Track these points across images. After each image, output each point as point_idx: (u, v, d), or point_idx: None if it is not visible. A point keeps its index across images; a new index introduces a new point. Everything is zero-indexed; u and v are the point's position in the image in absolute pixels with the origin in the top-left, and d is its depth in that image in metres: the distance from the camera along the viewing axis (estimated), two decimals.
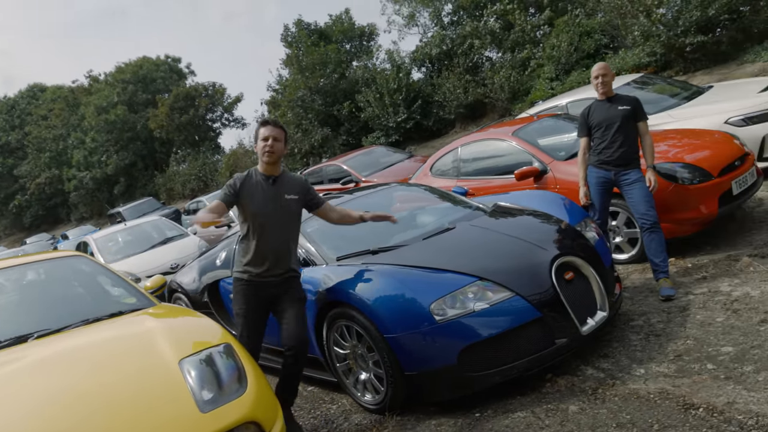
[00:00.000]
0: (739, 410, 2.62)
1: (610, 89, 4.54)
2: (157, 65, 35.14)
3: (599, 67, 4.56)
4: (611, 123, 4.44)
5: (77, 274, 3.78)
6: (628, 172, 4.41)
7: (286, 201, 3.45)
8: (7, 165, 37.90)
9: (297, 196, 3.51)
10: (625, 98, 4.53)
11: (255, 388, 2.49)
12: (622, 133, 4.42)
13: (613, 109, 4.46)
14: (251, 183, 3.46)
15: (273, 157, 3.45)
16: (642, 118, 4.48)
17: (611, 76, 4.53)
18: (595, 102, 4.64)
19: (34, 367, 2.70)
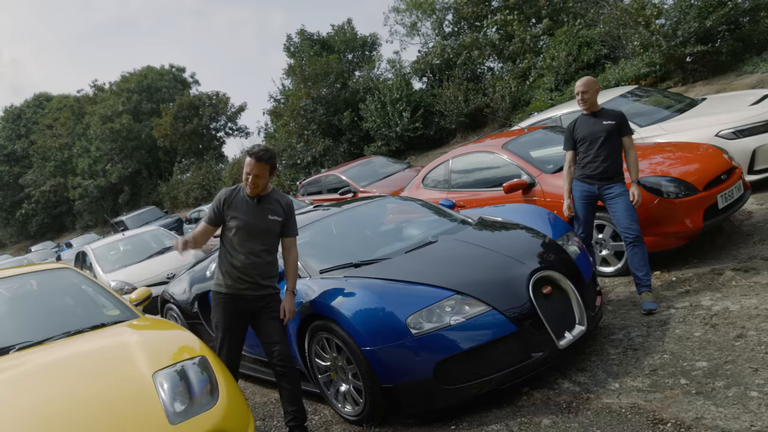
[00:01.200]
0: (706, 425, 2.64)
1: (594, 104, 4.58)
2: (161, 75, 35.43)
3: (580, 83, 4.60)
4: (595, 138, 4.48)
5: (63, 286, 3.84)
6: (612, 186, 4.44)
7: (268, 221, 3.49)
8: (13, 174, 38.19)
9: (280, 218, 3.54)
10: (610, 113, 4.57)
11: (226, 401, 2.53)
12: (605, 147, 4.46)
13: (597, 124, 4.50)
14: (238, 198, 3.51)
15: (256, 190, 3.48)
16: (626, 132, 4.51)
17: (594, 92, 4.57)
18: (581, 116, 4.68)
19: (11, 380, 2.75)
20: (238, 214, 3.46)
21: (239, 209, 3.48)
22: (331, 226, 4.85)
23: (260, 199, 3.51)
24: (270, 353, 3.45)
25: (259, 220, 3.48)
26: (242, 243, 3.45)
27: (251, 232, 3.46)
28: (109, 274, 8.72)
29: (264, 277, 3.48)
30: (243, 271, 3.42)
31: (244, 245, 3.45)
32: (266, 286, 3.49)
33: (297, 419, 3.46)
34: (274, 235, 3.54)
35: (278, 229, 3.54)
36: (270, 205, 3.54)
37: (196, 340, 3.04)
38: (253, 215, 3.47)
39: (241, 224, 3.46)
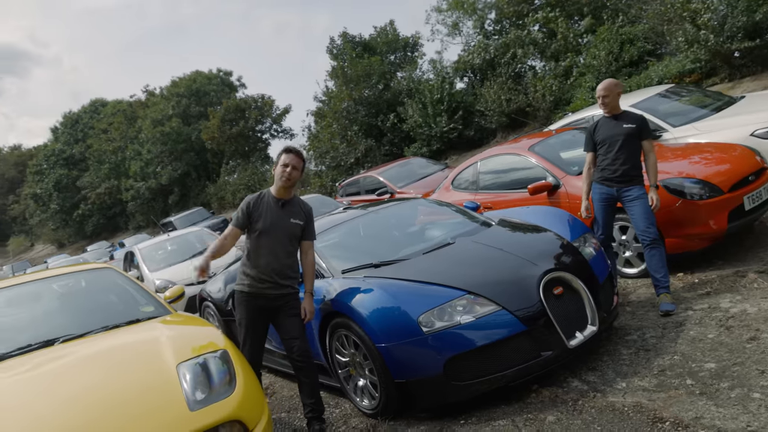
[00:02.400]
0: (704, 425, 2.69)
1: (616, 107, 4.60)
2: (209, 79, 36.45)
3: (601, 87, 4.63)
4: (614, 141, 4.51)
5: (105, 284, 4.16)
6: (630, 188, 4.46)
7: (290, 224, 3.70)
8: (71, 177, 39.97)
9: (301, 222, 3.75)
10: (632, 116, 4.59)
11: (242, 391, 2.73)
12: (624, 151, 4.49)
13: (617, 127, 4.53)
14: (263, 203, 3.73)
15: (289, 183, 3.72)
16: (647, 136, 4.53)
17: (615, 96, 4.60)
18: (602, 118, 4.72)
19: (54, 370, 3.04)
20: (264, 217, 3.68)
21: (265, 212, 3.69)
22: (358, 228, 5.03)
23: (284, 204, 3.73)
24: (289, 349, 3.65)
25: (282, 223, 3.69)
26: (266, 244, 3.67)
27: (275, 234, 3.67)
28: (155, 273, 9.15)
29: (284, 277, 3.68)
30: (265, 271, 3.64)
31: (267, 246, 3.66)
32: (286, 285, 3.69)
33: (315, 411, 3.65)
34: (295, 237, 3.74)
35: (299, 232, 3.74)
36: (293, 208, 3.75)
37: (220, 336, 3.26)
38: (277, 218, 3.69)
39: (267, 226, 3.67)
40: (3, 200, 48.39)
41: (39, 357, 3.21)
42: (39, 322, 3.69)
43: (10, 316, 3.83)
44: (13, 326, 3.70)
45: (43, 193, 41.08)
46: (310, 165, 26.48)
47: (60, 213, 40.31)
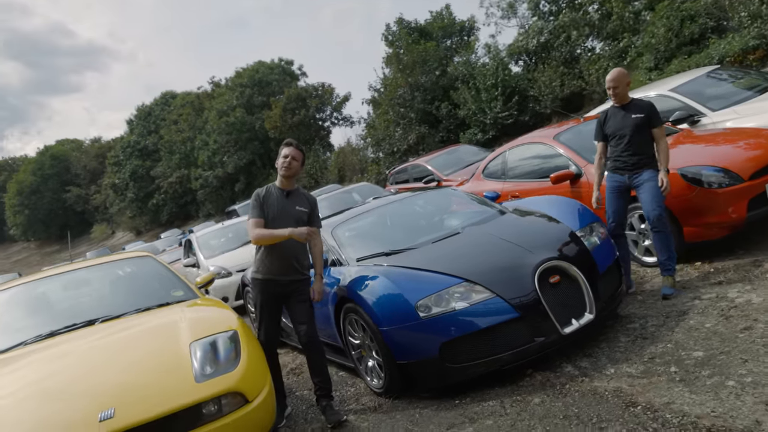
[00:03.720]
0: (672, 410, 2.79)
1: (624, 97, 4.62)
2: (271, 68, 37.40)
3: (609, 78, 4.65)
4: (624, 132, 4.55)
5: (143, 271, 4.61)
6: (641, 173, 4.50)
7: (296, 211, 4.01)
8: (145, 167, 42.19)
9: (306, 209, 4.05)
10: (640, 105, 4.60)
11: (245, 367, 3.07)
12: (634, 141, 4.53)
13: (626, 118, 4.56)
14: (271, 194, 4.06)
15: (289, 172, 4.03)
16: (656, 124, 4.53)
17: (624, 86, 4.62)
18: (611, 108, 4.75)
19: (94, 345, 3.49)
20: (273, 207, 4.00)
21: (273, 202, 4.01)
22: (379, 218, 5.28)
23: (289, 194, 4.03)
24: (298, 332, 3.97)
25: (289, 210, 4.00)
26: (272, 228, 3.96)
27: (284, 221, 3.96)
28: (209, 259, 9.74)
29: (295, 263, 3.98)
30: (277, 258, 3.95)
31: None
32: (297, 271, 3.99)
33: (323, 389, 3.95)
34: (303, 224, 4.01)
35: (305, 218, 4.04)
36: (297, 198, 4.06)
37: (234, 318, 3.61)
38: (284, 206, 4.00)
39: (276, 214, 3.98)
40: (86, 190, 51.62)
41: (81, 334, 3.68)
42: (84, 304, 4.19)
43: (61, 300, 4.35)
44: (63, 308, 4.21)
45: (121, 183, 43.58)
46: (368, 152, 26.90)
47: (136, 202, 42.65)
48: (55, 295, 4.39)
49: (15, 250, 62.06)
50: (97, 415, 2.72)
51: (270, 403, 3.16)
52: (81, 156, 54.30)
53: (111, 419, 2.70)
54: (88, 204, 51.85)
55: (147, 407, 2.78)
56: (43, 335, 3.73)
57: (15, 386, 3.16)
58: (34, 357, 3.47)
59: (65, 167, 54.93)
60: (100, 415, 2.72)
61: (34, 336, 3.73)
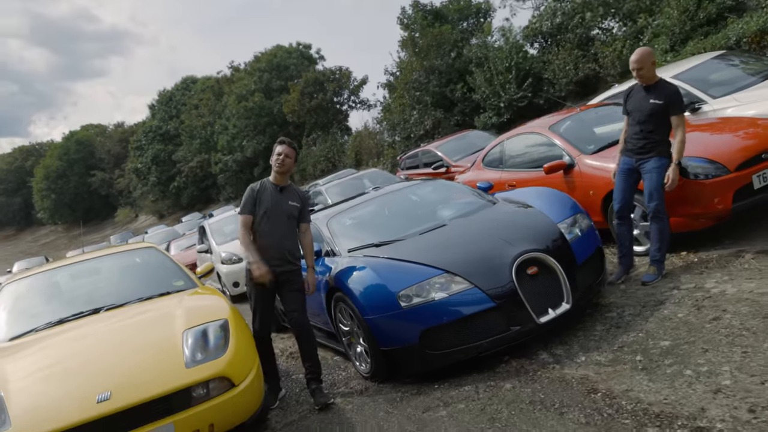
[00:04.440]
0: (629, 397, 2.95)
1: (650, 78, 4.58)
2: (289, 53, 37.55)
3: (634, 59, 4.60)
4: (639, 113, 4.59)
5: (146, 261, 4.87)
6: (647, 161, 4.55)
7: (289, 206, 4.22)
8: (167, 151, 42.85)
9: (298, 204, 4.27)
10: (664, 90, 4.53)
11: (232, 354, 3.30)
12: (647, 124, 4.53)
13: (645, 101, 4.55)
14: (265, 189, 4.28)
15: (283, 169, 4.24)
16: (676, 112, 4.48)
17: (649, 66, 4.56)
18: (636, 86, 4.73)
19: (96, 331, 3.77)
20: (266, 201, 4.21)
21: (267, 197, 4.23)
22: (373, 209, 5.46)
23: (282, 189, 4.25)
24: (289, 319, 4.20)
25: (282, 205, 4.22)
26: (269, 225, 4.19)
27: (276, 215, 4.19)
28: (221, 245, 10.04)
29: (287, 255, 4.20)
30: (269, 250, 4.17)
31: (270, 228, 4.19)
32: (289, 262, 4.21)
33: (312, 372, 4.18)
34: (294, 218, 4.25)
35: (296, 213, 4.26)
36: (290, 194, 4.28)
37: (227, 308, 3.83)
38: (277, 200, 4.22)
39: (269, 208, 4.20)
40: (110, 175, 52.60)
41: (87, 321, 3.95)
42: (91, 293, 4.46)
43: (71, 289, 4.63)
44: (72, 297, 4.48)
45: (143, 167, 44.34)
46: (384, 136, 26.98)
47: (158, 185, 43.40)
48: (65, 284, 4.67)
49: (43, 233, 63.68)
50: (95, 397, 2.97)
51: (256, 387, 3.39)
52: (105, 141, 55.28)
53: (107, 401, 2.95)
54: (112, 188, 52.87)
55: (140, 390, 3.02)
56: (52, 322, 4.01)
57: (26, 370, 3.43)
58: (43, 343, 3.75)
59: (90, 152, 55.99)
60: (98, 396, 2.98)
61: (44, 323, 4.02)
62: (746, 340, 3.18)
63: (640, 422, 2.70)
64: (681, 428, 2.57)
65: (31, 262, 23.68)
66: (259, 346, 4.26)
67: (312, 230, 4.60)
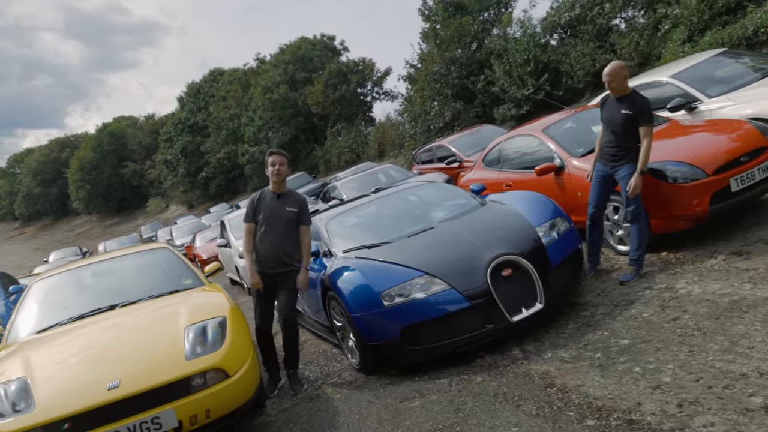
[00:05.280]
0: (580, 392, 3.24)
1: (621, 89, 4.82)
2: (313, 44, 37.92)
3: (606, 72, 4.87)
4: (610, 123, 4.88)
5: (158, 261, 5.30)
6: (620, 168, 4.82)
7: (286, 212, 4.58)
8: (195, 143, 43.77)
9: (296, 209, 4.62)
10: (634, 101, 4.76)
11: (227, 347, 3.68)
12: (618, 134, 4.81)
13: (617, 111, 4.81)
14: (264, 198, 4.65)
15: (279, 178, 4.61)
16: (643, 123, 4.70)
17: (621, 79, 4.80)
18: (609, 97, 5.00)
19: (109, 326, 4.20)
20: (265, 208, 4.59)
21: (266, 204, 4.61)
22: (370, 211, 5.80)
23: (280, 196, 4.61)
24: (279, 313, 4.62)
25: (280, 211, 4.59)
26: (268, 230, 4.57)
27: (275, 221, 4.57)
28: (239, 240, 10.44)
29: (284, 257, 4.57)
30: (268, 253, 4.55)
31: (269, 232, 4.57)
32: (285, 264, 4.58)
33: (289, 360, 4.71)
34: (292, 223, 4.61)
35: (295, 218, 4.61)
36: (288, 200, 4.64)
37: (227, 306, 4.21)
38: (275, 207, 4.59)
39: (268, 215, 4.58)
40: (141, 165, 53.90)
41: (103, 317, 4.39)
42: (108, 291, 4.90)
43: (91, 286, 5.08)
44: (91, 294, 4.93)
45: (173, 158, 45.35)
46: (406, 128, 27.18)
47: (187, 176, 44.37)
48: (86, 282, 5.13)
49: (78, 223, 65.66)
50: (106, 385, 3.39)
51: (250, 378, 3.77)
52: (136, 132, 56.56)
53: (117, 388, 3.36)
54: (143, 178, 54.16)
55: (146, 379, 3.43)
56: (74, 317, 4.46)
57: (49, 360, 3.87)
58: (65, 336, 4.19)
59: (122, 143, 57.38)
60: (109, 384, 3.39)
61: (67, 318, 4.47)
62: (695, 339, 3.44)
63: (582, 415, 3.00)
64: (616, 420, 2.86)
65: (66, 252, 24.65)
66: (261, 340, 4.70)
67: (313, 230, 4.97)
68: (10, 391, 3.46)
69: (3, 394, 3.45)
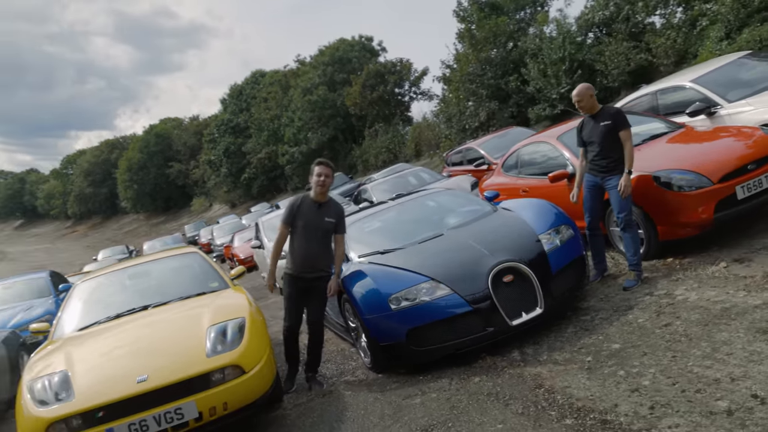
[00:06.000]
0: (565, 393, 3.45)
1: (593, 107, 5.18)
2: (352, 46, 38.42)
3: (575, 94, 5.24)
4: (594, 139, 5.12)
5: (189, 264, 5.72)
6: (611, 178, 5.04)
7: (325, 222, 4.82)
8: (237, 144, 44.94)
9: (334, 219, 4.86)
10: (607, 113, 5.12)
11: (245, 346, 4.03)
12: (603, 146, 5.08)
13: (596, 127, 5.12)
14: (304, 205, 4.86)
15: (324, 189, 4.84)
16: (622, 128, 5.00)
17: (588, 98, 5.16)
18: (585, 117, 5.31)
19: (140, 324, 4.62)
20: (304, 216, 4.81)
21: (305, 212, 4.82)
22: (388, 217, 6.09)
23: (320, 206, 4.85)
24: (308, 317, 4.91)
25: (319, 221, 4.80)
26: (306, 238, 4.79)
27: (314, 230, 4.79)
28: (272, 242, 10.90)
29: (318, 264, 4.83)
30: (305, 258, 4.80)
31: (307, 239, 4.79)
32: (319, 270, 4.84)
33: (310, 364, 5.00)
34: (329, 232, 4.85)
35: (332, 228, 4.85)
36: (327, 210, 4.85)
37: (247, 308, 4.56)
38: (315, 217, 4.80)
39: (307, 223, 4.79)
40: (186, 166, 55.55)
41: (136, 316, 4.82)
42: (142, 292, 5.34)
43: (127, 288, 5.53)
44: (127, 295, 5.37)
45: (216, 159, 46.66)
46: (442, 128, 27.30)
47: (230, 176, 45.58)
48: (123, 284, 5.59)
49: (126, 222, 68.13)
50: (135, 378, 3.78)
51: (265, 374, 4.11)
52: (181, 133, 58.31)
53: (144, 381, 3.75)
54: (188, 178, 55.82)
55: (170, 373, 3.80)
56: (111, 316, 4.90)
57: (89, 354, 4.31)
58: (102, 333, 4.63)
59: (168, 144, 59.25)
60: (138, 378, 3.78)
61: (105, 317, 4.92)
62: (681, 345, 3.61)
63: (562, 414, 3.22)
64: (591, 420, 3.07)
65: (114, 250, 25.77)
66: (288, 339, 4.98)
67: None
68: (54, 382, 3.89)
69: (47, 385, 3.88)
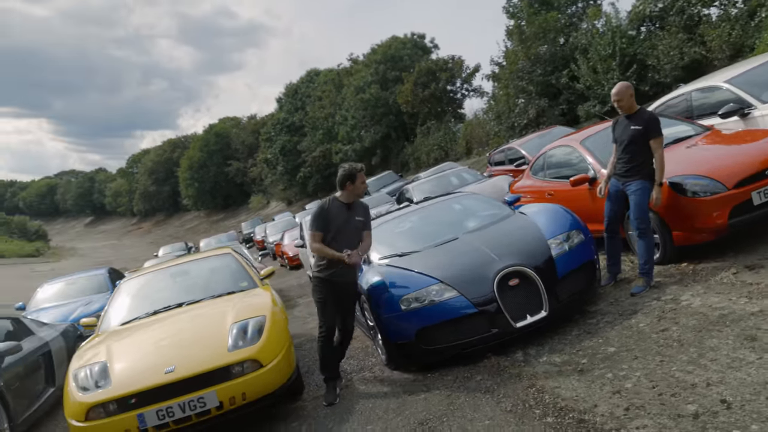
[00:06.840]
0: (553, 393, 3.62)
1: (629, 108, 5.13)
2: (404, 43, 38.66)
3: (614, 92, 5.17)
4: (623, 140, 5.15)
5: (222, 265, 6.17)
6: (631, 183, 5.08)
7: (356, 221, 4.98)
8: (293, 142, 46.06)
9: (362, 219, 5.03)
10: (642, 117, 5.06)
11: (263, 342, 4.39)
12: (630, 150, 5.09)
13: (627, 129, 5.11)
14: (334, 207, 4.97)
15: (362, 194, 5.07)
16: (653, 136, 4.97)
17: (628, 97, 5.11)
18: (621, 117, 5.30)
19: (174, 319, 5.07)
20: (336, 218, 4.91)
21: (336, 215, 4.92)
22: (411, 220, 6.35)
23: (349, 206, 5.01)
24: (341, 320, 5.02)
25: (351, 221, 4.94)
26: (342, 240, 4.88)
27: (348, 231, 4.91)
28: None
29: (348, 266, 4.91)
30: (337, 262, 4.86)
31: (343, 242, 4.88)
32: (351, 273, 4.98)
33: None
34: (359, 231, 4.99)
35: (361, 226, 5.00)
36: (356, 209, 5.01)
37: (269, 307, 4.91)
38: (347, 217, 4.93)
39: (340, 225, 4.90)
40: (244, 164, 57.33)
41: (172, 313, 5.28)
42: (178, 290, 5.81)
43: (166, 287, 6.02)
44: (165, 293, 5.84)
45: (272, 157, 47.97)
46: (492, 126, 27.19)
47: (286, 175, 46.77)
48: (162, 282, 6.10)
49: (188, 219, 70.93)
50: (164, 369, 4.20)
51: (282, 368, 4.46)
52: (239, 132, 60.20)
53: (172, 372, 4.16)
54: (246, 176, 57.60)
55: (195, 366, 4.21)
56: (149, 312, 5.38)
57: (127, 347, 4.79)
58: (141, 328, 5.11)
59: (227, 143, 61.31)
60: (166, 369, 4.20)
61: (144, 313, 5.41)
62: (671, 350, 3.71)
63: (545, 413, 3.41)
64: (570, 419, 3.25)
65: (174, 247, 27.02)
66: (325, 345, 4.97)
67: None
68: (94, 371, 4.37)
69: (89, 374, 4.36)
